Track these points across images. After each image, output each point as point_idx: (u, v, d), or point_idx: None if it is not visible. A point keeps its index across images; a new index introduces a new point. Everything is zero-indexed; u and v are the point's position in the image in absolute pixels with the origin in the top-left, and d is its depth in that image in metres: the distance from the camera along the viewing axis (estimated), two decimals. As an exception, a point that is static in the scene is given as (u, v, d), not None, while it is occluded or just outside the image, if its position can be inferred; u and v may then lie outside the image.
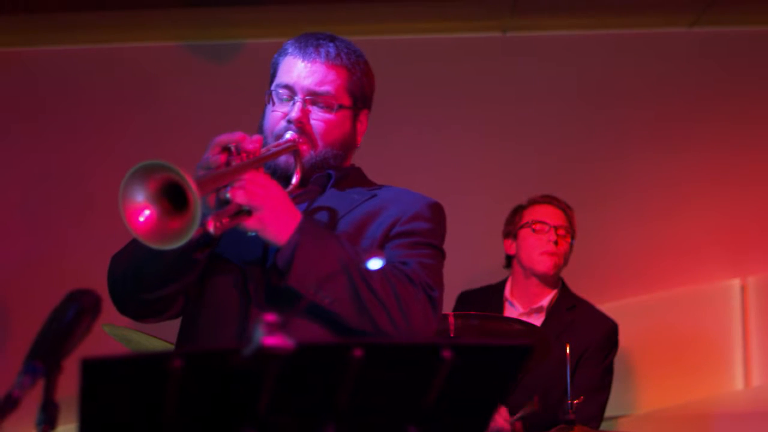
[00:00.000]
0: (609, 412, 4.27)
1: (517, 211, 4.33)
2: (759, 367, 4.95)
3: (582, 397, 3.66)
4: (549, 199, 4.30)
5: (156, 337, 3.95)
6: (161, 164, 2.05)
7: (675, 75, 5.21)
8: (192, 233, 2.04)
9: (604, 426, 4.18)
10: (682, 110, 5.18)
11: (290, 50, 2.51)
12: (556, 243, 4.19)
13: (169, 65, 5.24)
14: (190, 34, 5.22)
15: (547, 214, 4.25)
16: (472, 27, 5.23)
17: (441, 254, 2.46)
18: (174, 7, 4.90)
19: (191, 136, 2.35)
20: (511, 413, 3.91)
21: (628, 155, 5.15)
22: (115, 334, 4.11)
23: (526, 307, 4.26)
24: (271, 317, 1.44)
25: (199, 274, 2.37)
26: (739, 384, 4.98)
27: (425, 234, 2.43)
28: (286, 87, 2.48)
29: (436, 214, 2.48)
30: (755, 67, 5.20)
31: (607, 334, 4.23)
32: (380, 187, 2.56)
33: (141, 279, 2.33)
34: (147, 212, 2.08)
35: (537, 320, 4.19)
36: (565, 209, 4.28)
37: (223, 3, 4.86)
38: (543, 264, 4.20)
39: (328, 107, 2.47)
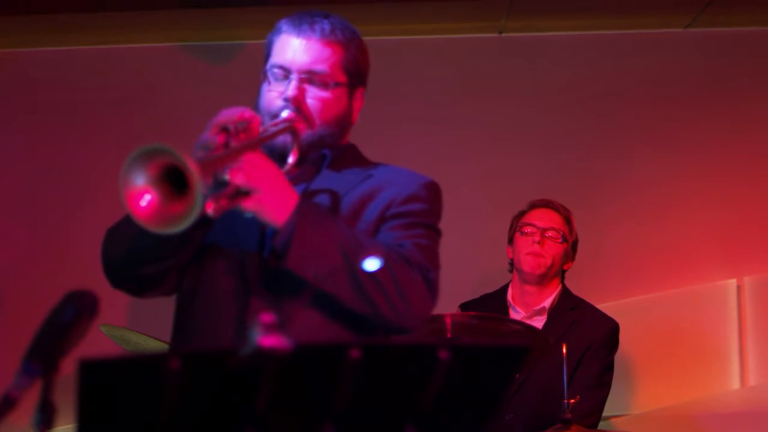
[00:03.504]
0: (605, 412, 4.28)
1: (516, 216, 4.39)
2: (755, 367, 4.95)
3: (578, 396, 3.69)
4: (545, 203, 4.35)
5: (154, 338, 3.95)
6: (163, 148, 2.05)
7: (671, 76, 5.22)
8: (194, 217, 2.04)
9: (600, 426, 4.19)
10: (679, 110, 5.19)
11: (284, 28, 2.49)
12: (539, 243, 4.23)
13: (168, 66, 5.24)
14: (190, 35, 5.22)
15: (539, 217, 4.30)
16: (468, 28, 5.23)
17: (437, 234, 2.46)
18: (173, 9, 4.90)
19: (190, 137, 2.34)
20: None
21: (625, 155, 5.16)
22: (113, 335, 4.11)
23: (527, 310, 4.28)
24: (268, 317, 1.45)
25: (195, 252, 2.37)
26: (735, 384, 4.99)
27: (421, 214, 2.43)
28: (281, 66, 2.46)
29: (431, 193, 2.49)
30: (751, 68, 5.20)
31: (609, 333, 4.26)
32: (376, 165, 2.55)
33: (135, 255, 2.33)
34: (148, 197, 2.08)
35: (539, 322, 4.22)
36: (561, 212, 4.31)
37: (223, 4, 4.86)
38: (527, 264, 4.25)
39: (323, 85, 2.46)
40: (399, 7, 4.96)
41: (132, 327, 4.11)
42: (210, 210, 2.13)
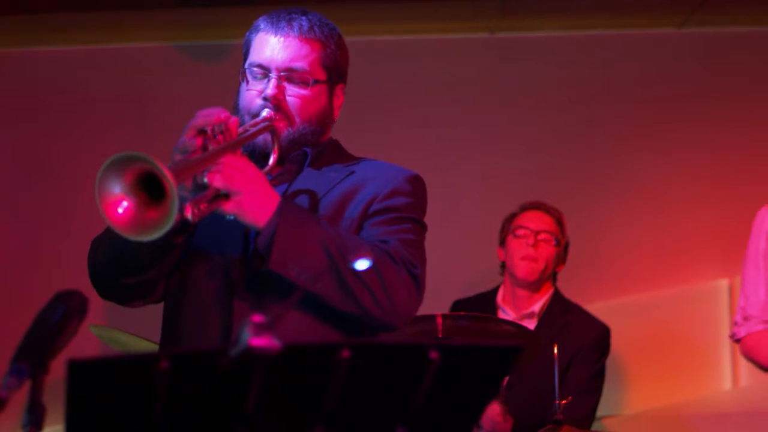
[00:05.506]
0: (597, 412, 4.27)
1: (507, 218, 4.37)
2: (747, 367, 4.94)
3: (570, 397, 3.67)
4: (537, 205, 4.34)
5: (143, 338, 3.94)
6: (137, 155, 2.04)
7: (664, 76, 5.21)
8: (171, 224, 2.03)
9: (591, 426, 4.19)
10: (672, 111, 5.18)
11: (262, 26, 2.49)
12: (534, 246, 4.21)
13: (163, 66, 5.23)
14: (185, 35, 5.21)
15: (531, 219, 4.29)
16: (459, 27, 5.23)
17: (422, 228, 2.44)
18: (168, 8, 4.89)
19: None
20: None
21: (617, 156, 5.16)
22: (103, 336, 4.10)
23: (517, 313, 4.28)
24: (258, 318, 1.44)
25: (180, 258, 2.36)
26: (727, 384, 4.99)
27: (404, 209, 2.41)
28: (260, 64, 2.45)
29: (415, 186, 2.47)
30: (745, 68, 5.20)
31: (600, 337, 4.25)
32: (358, 161, 2.54)
33: (120, 264, 2.32)
34: (125, 204, 2.07)
35: (529, 325, 4.20)
36: (553, 214, 4.30)
37: (218, 3, 4.85)
38: (521, 270, 4.24)
39: (303, 83, 2.44)
40: (390, 7, 4.95)
41: (122, 327, 4.09)
42: (189, 214, 2.12)
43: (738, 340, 3.66)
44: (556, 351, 3.69)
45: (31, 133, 5.20)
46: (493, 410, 3.86)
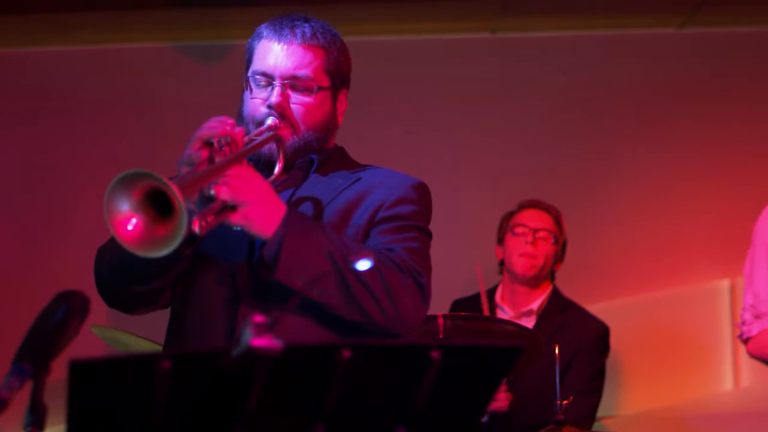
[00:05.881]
0: (598, 413, 4.27)
1: (505, 217, 4.38)
2: (748, 368, 4.95)
3: (571, 397, 3.67)
4: (534, 203, 4.35)
5: (145, 339, 3.93)
6: (144, 173, 2.04)
7: (665, 76, 5.21)
8: (180, 240, 2.03)
9: (592, 427, 4.18)
10: (672, 111, 5.18)
11: (265, 33, 2.48)
12: (532, 244, 4.22)
13: (161, 66, 5.23)
14: (183, 35, 5.21)
15: (529, 217, 4.30)
16: (460, 28, 5.23)
17: (427, 236, 2.44)
18: (166, 8, 4.89)
19: (183, 137, 2.33)
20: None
21: (617, 156, 5.15)
22: (104, 336, 4.10)
23: (515, 311, 4.28)
24: (259, 318, 1.44)
25: (186, 267, 2.36)
26: (728, 384, 4.99)
27: (410, 217, 2.41)
28: (264, 72, 2.45)
29: (421, 195, 2.47)
30: (744, 68, 5.20)
31: (598, 336, 4.25)
32: (364, 168, 2.53)
33: (127, 274, 2.32)
34: (134, 221, 2.07)
35: (527, 324, 4.20)
36: (551, 212, 4.31)
37: (216, 4, 4.85)
38: (520, 266, 4.25)
39: (307, 90, 2.44)
40: (391, 7, 4.95)
41: (123, 328, 4.09)
42: (197, 228, 2.11)
43: (747, 339, 3.60)
44: (557, 352, 3.69)
45: (31, 134, 5.20)
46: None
